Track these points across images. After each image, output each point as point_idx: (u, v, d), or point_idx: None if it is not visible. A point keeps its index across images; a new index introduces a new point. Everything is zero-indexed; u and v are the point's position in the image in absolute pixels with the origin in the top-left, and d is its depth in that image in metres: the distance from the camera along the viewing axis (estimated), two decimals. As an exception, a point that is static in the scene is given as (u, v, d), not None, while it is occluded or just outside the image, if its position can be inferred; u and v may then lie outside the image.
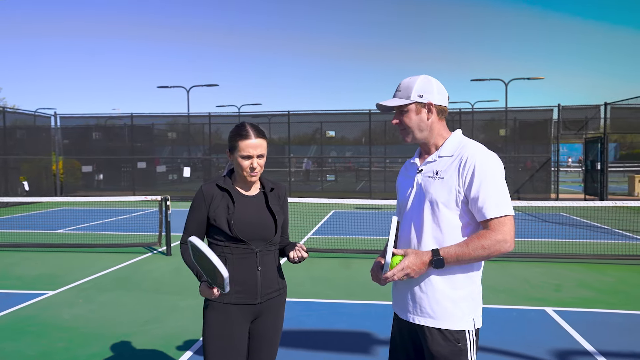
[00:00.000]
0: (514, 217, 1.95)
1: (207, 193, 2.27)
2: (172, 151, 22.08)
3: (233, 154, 2.28)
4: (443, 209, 1.97)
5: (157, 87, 35.48)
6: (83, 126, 20.31)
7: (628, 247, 8.72)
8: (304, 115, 19.11)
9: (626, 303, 5.49)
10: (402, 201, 2.16)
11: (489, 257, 1.92)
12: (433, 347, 1.97)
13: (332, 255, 7.94)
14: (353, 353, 4.10)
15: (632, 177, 18.29)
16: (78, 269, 7.19)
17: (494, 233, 1.89)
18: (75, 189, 19.51)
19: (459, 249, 1.91)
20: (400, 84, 2.10)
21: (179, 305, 5.46)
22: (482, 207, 1.90)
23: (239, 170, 2.28)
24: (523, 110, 18.02)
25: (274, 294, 2.33)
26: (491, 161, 1.95)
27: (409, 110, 2.06)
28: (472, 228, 1.98)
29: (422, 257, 1.93)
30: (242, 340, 2.25)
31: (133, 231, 10.37)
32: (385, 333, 4.49)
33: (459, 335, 1.96)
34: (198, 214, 2.29)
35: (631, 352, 4.10)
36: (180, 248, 2.36)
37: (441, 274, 1.98)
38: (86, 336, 4.53)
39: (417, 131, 2.07)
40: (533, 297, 5.64)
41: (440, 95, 2.07)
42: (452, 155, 2.02)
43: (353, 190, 19.67)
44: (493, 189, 1.91)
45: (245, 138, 2.24)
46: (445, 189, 1.97)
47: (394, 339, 2.22)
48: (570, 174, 33.38)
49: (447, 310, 1.97)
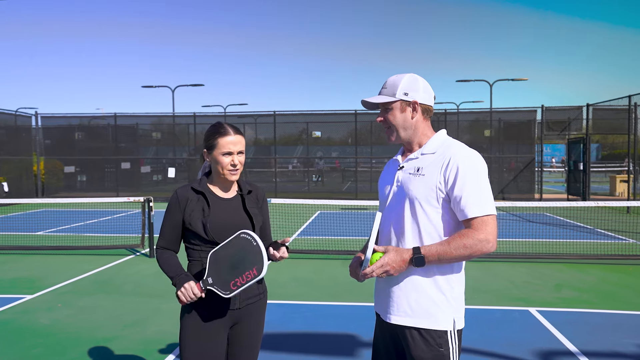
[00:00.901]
0: (496, 217, 1.93)
1: (182, 197, 2.22)
2: (157, 151, 21.85)
3: (211, 152, 2.22)
4: (423, 206, 1.95)
5: (142, 86, 35.10)
6: (65, 126, 19.98)
7: (610, 246, 8.82)
8: (290, 115, 19.04)
9: (607, 302, 5.53)
10: (383, 198, 2.14)
11: (470, 257, 1.90)
12: (415, 352, 1.93)
13: (317, 256, 7.89)
14: (338, 356, 4.06)
15: (614, 177, 18.57)
16: (58, 272, 7.04)
17: (477, 232, 1.87)
18: (57, 190, 19.19)
19: (440, 247, 1.89)
20: (386, 81, 2.07)
21: (160, 308, 5.37)
22: (465, 206, 1.88)
23: (218, 170, 2.22)
24: (507, 111, 18.18)
25: (254, 299, 2.28)
26: (474, 160, 1.93)
27: (394, 108, 2.03)
28: (453, 226, 1.96)
29: (403, 255, 1.91)
30: (220, 346, 2.20)
31: (115, 233, 10.21)
32: (370, 335, 4.46)
33: (441, 339, 1.93)
34: (173, 218, 2.23)
35: (613, 351, 4.13)
36: (156, 253, 2.29)
37: (422, 274, 1.95)
38: (64, 341, 4.42)
39: (402, 130, 2.04)
40: (517, 298, 5.66)
41: (426, 95, 2.04)
42: (435, 152, 2.00)
43: (339, 191, 19.66)
44: (476, 189, 1.89)
45: (225, 135, 2.19)
46: (425, 186, 1.94)
47: (376, 341, 2.19)
48: (553, 174, 33.79)
49: (427, 309, 1.94)
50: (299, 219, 11.77)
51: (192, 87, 29.45)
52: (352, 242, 9.03)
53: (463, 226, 1.93)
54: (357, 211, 13.90)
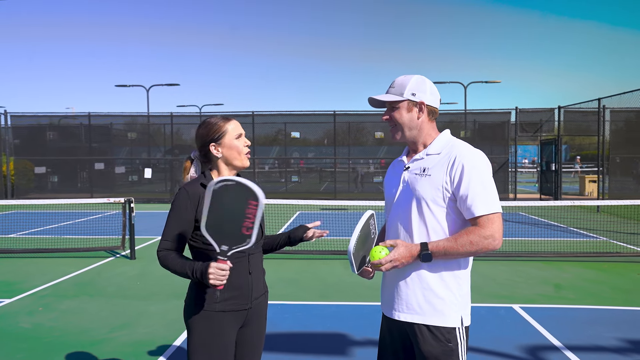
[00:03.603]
0: (501, 215, 1.99)
1: (193, 193, 2.11)
2: (131, 152, 21.45)
3: (221, 141, 2.16)
4: (430, 206, 1.99)
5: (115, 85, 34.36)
6: (35, 125, 19.42)
7: (583, 244, 9.11)
8: (268, 115, 18.98)
9: (586, 298, 5.72)
10: (389, 198, 2.17)
11: (476, 254, 1.96)
12: (424, 347, 1.98)
13: (301, 256, 7.90)
14: (334, 355, 4.09)
15: (583, 177, 19.17)
16: (35, 275, 6.85)
17: (483, 230, 1.92)
18: (27, 192, 18.63)
19: (447, 243, 1.94)
20: (394, 80, 2.11)
21: (147, 310, 5.29)
22: (471, 205, 1.93)
23: (234, 156, 2.17)
24: (482, 112, 18.55)
25: (261, 297, 2.27)
26: (479, 159, 1.99)
27: (401, 108, 2.07)
28: (459, 225, 2.01)
29: (411, 250, 1.96)
30: (230, 348, 2.15)
31: (92, 234, 9.98)
32: (362, 334, 4.51)
33: (450, 335, 1.98)
34: (183, 216, 2.10)
35: (595, 345, 4.27)
36: (159, 255, 2.11)
37: (430, 272, 2.00)
38: (49, 345, 4.31)
39: (407, 129, 2.08)
40: (500, 295, 5.80)
41: (433, 97, 2.09)
42: (440, 153, 2.05)
43: (317, 191, 19.68)
44: (481, 187, 1.94)
45: (228, 120, 2.20)
46: (432, 186, 1.99)
47: (383, 339, 2.21)
48: (524, 175, 34.62)
49: (435, 306, 1.99)
50: (280, 219, 11.75)
51: (167, 86, 29.00)
52: (334, 242, 9.06)
53: (469, 224, 1.98)
54: (337, 211, 13.96)
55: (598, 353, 4.12)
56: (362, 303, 5.48)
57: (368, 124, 20.63)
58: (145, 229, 10.66)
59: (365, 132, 22.02)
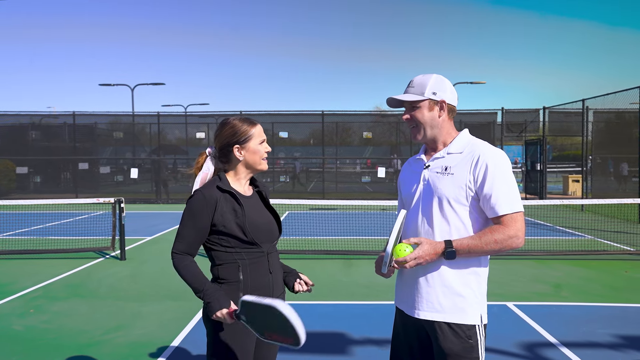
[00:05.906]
0: (524, 214, 2.02)
1: (211, 198, 2.07)
2: (116, 151, 21.17)
3: (246, 145, 2.15)
4: (452, 204, 2.00)
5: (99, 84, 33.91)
6: (16, 125, 19.05)
7: (570, 242, 9.27)
8: (256, 115, 18.91)
9: (578, 295, 5.82)
10: (407, 197, 2.17)
11: (499, 252, 1.98)
12: (445, 344, 1.99)
13: (292, 256, 7.89)
14: (333, 354, 4.09)
15: (567, 177, 19.50)
16: (24, 276, 6.72)
17: (507, 228, 1.95)
18: (8, 192, 18.26)
19: (471, 241, 1.95)
20: (412, 80, 2.12)
21: (141, 311, 5.23)
22: (495, 204, 1.95)
23: (255, 161, 2.17)
24: (469, 112, 18.74)
25: (280, 297, 2.26)
26: (501, 159, 2.01)
27: (422, 107, 2.07)
28: (481, 223, 2.02)
29: (436, 248, 1.96)
30: (251, 349, 2.14)
31: (80, 235, 9.82)
32: (361, 332, 4.51)
33: (470, 332, 2.00)
34: (200, 221, 2.07)
35: (590, 341, 4.35)
36: (174, 257, 2.08)
37: (450, 269, 2.01)
38: (44, 347, 4.24)
39: (429, 128, 2.09)
40: (494, 293, 5.85)
41: (452, 95, 2.11)
42: (462, 152, 2.06)
43: (305, 191, 19.67)
44: (505, 187, 1.96)
45: (254, 124, 2.19)
46: (455, 185, 2.00)
47: (397, 336, 2.22)
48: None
49: (456, 304, 2.00)
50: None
51: (152, 85, 28.70)
52: (324, 242, 9.07)
53: (491, 223, 2.00)
54: (326, 211, 13.97)
55: (593, 349, 4.19)
56: (356, 302, 5.50)
57: (355, 124, 20.71)
58: (133, 229, 10.54)
59: (351, 132, 22.10)
